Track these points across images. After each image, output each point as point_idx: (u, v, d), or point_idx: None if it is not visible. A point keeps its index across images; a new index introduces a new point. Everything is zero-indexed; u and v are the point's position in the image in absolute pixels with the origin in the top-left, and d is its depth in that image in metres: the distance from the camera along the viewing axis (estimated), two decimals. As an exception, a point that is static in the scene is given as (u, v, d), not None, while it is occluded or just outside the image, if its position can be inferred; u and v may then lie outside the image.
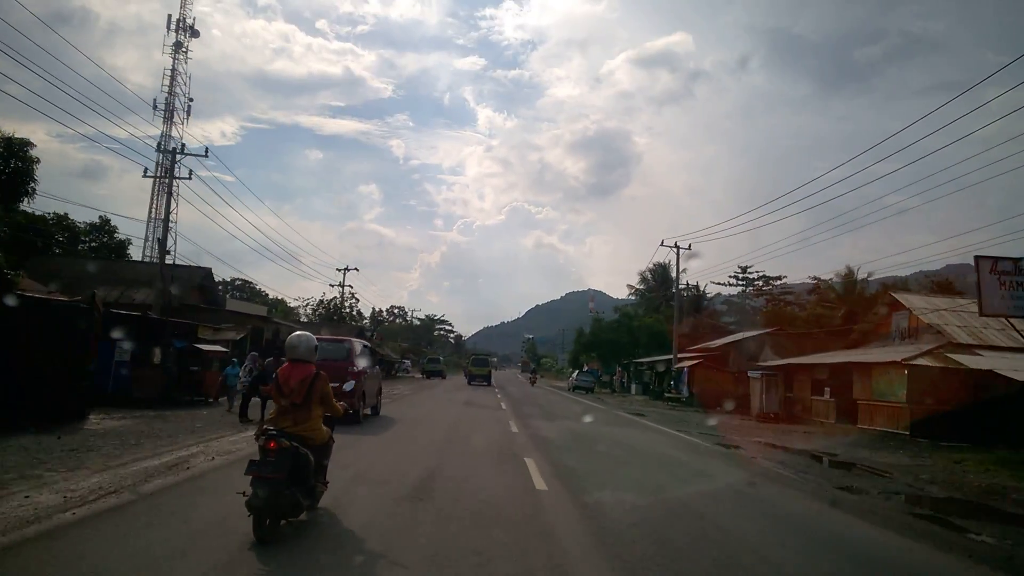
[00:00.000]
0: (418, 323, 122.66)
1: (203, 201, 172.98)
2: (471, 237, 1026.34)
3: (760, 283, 63.22)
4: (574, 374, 52.60)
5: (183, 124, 60.00)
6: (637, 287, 62.75)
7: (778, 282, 61.43)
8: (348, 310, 56.04)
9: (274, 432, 5.53)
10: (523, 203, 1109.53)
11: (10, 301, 11.84)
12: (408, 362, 63.09)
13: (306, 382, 5.77)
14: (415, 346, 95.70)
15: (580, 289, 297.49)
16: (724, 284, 63.22)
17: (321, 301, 56.90)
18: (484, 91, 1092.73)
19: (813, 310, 45.58)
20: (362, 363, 15.78)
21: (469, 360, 62.37)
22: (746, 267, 60.12)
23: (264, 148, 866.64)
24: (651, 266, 61.54)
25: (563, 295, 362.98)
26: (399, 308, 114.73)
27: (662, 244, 39.05)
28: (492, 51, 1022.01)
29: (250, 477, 5.24)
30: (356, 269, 56.38)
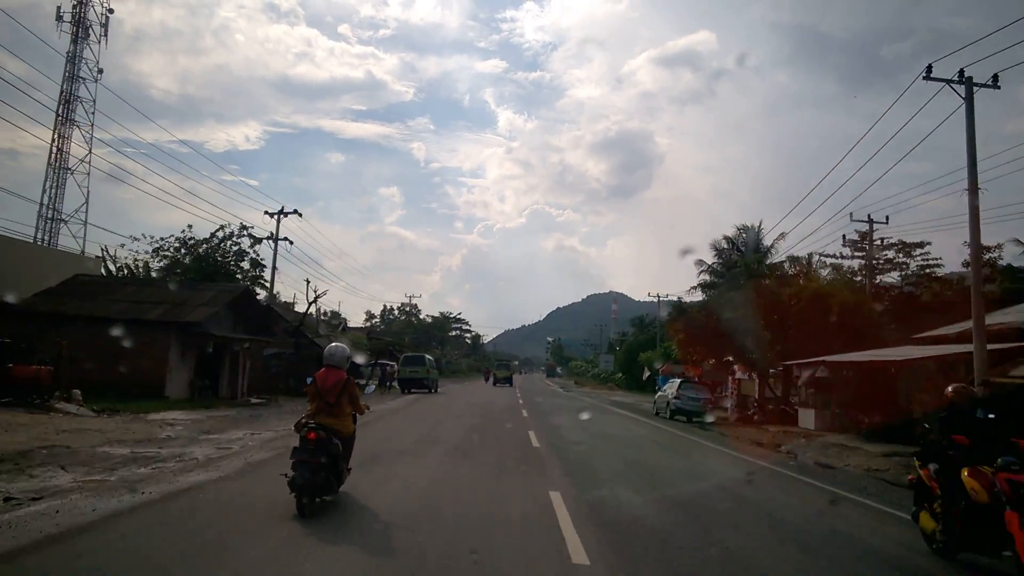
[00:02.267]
0: (430, 320, 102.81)
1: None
2: (492, 240, 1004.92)
3: (891, 253, 39.79)
4: (669, 387, 28.95)
5: (99, 43, 42.44)
6: (711, 263, 39.33)
7: (918, 251, 38.02)
8: (228, 260, 32.91)
9: (314, 425, 6.87)
10: (544, 205, 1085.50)
11: None
12: (394, 365, 41.02)
13: (339, 385, 7.14)
14: (423, 346, 74.37)
15: (602, 291, 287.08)
16: (836, 257, 39.85)
17: (184, 241, 30.88)
18: (505, 93, 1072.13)
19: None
20: None
21: (493, 364, 78.68)
22: (865, 233, 37.57)
23: (286, 152, 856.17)
24: (733, 231, 39.01)
25: (584, 297, 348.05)
26: (411, 305, 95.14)
27: (928, 76, 16.54)
28: (513, 53, 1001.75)
29: (292, 461, 6.64)
30: (298, 213, 34.28)
